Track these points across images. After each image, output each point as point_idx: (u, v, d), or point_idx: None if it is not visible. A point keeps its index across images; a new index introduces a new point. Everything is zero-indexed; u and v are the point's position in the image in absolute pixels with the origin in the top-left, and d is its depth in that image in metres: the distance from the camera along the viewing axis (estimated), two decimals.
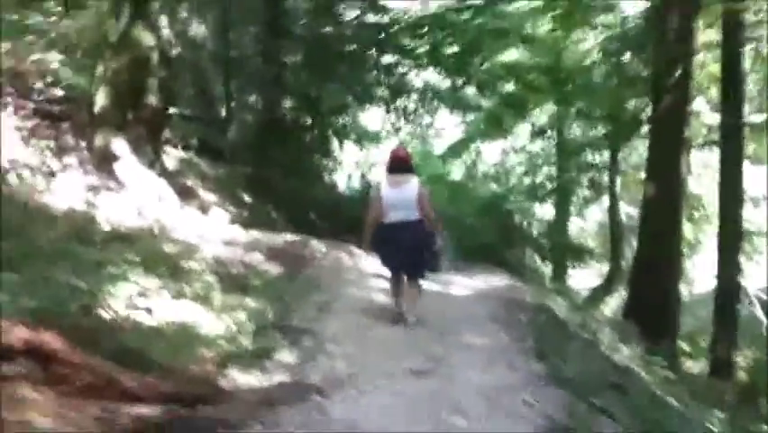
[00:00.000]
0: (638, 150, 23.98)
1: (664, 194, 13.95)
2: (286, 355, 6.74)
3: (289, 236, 11.76)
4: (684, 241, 17.29)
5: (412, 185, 8.22)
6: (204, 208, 11.82)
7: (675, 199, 14.10)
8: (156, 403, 5.20)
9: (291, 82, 17.47)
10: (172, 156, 13.58)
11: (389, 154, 8.71)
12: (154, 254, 8.42)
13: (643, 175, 23.10)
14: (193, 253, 9.19)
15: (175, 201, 11.11)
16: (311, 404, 5.54)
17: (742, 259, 14.72)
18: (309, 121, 18.11)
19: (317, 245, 11.33)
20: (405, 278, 8.38)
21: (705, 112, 18.27)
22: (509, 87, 19.83)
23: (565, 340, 8.09)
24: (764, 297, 20.24)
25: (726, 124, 14.31)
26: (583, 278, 23.36)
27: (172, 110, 15.09)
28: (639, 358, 9.88)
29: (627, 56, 19.00)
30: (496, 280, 11.59)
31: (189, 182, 12.83)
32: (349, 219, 16.36)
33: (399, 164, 8.38)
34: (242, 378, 6.19)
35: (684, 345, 16.26)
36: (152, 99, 11.24)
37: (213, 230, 10.67)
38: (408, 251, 8.16)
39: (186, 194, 11.81)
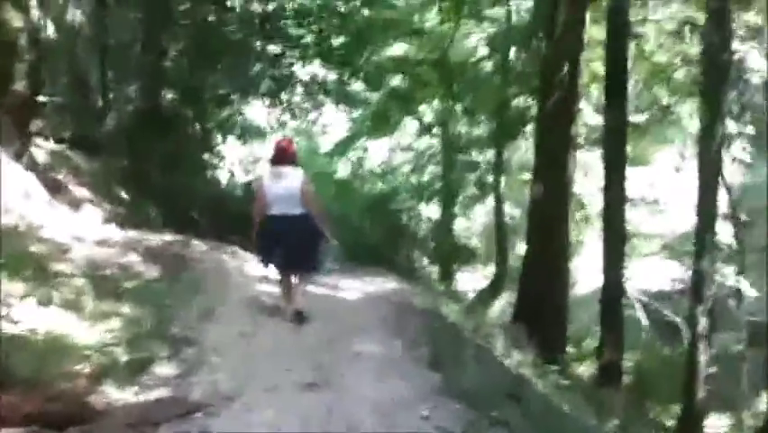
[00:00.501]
0: (521, 149, 24.38)
1: (552, 194, 13.96)
2: (165, 368, 6.35)
3: (169, 236, 11.24)
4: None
5: (295, 177, 8.19)
6: (75, 205, 11.18)
7: (563, 199, 14.13)
8: (17, 426, 4.78)
9: (172, 72, 16.80)
10: (43, 148, 12.83)
11: (273, 145, 8.68)
12: (19, 255, 7.85)
13: (527, 176, 23.60)
14: (63, 253, 8.64)
15: (44, 197, 10.47)
16: (192, 423, 5.19)
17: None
18: (190, 113, 17.44)
19: (198, 246, 10.85)
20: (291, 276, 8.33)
21: (586, 111, 18.43)
22: (397, 81, 19.71)
23: (459, 347, 7.92)
24: (644, 299, 20.91)
25: (611, 124, 14.45)
26: (469, 280, 23.45)
27: (43, 98, 14.41)
28: (531, 364, 9.84)
29: (513, 52, 19.11)
30: (385, 284, 11.32)
31: (60, 177, 12.11)
32: (232, 217, 15.90)
33: (283, 156, 8.35)
34: (117, 394, 5.78)
35: (570, 348, 16.44)
36: (20, 86, 10.57)
37: (85, 229, 10.09)
38: (292, 246, 8.09)
39: (56, 189, 11.16)
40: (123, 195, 13.73)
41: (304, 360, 6.74)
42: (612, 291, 14.80)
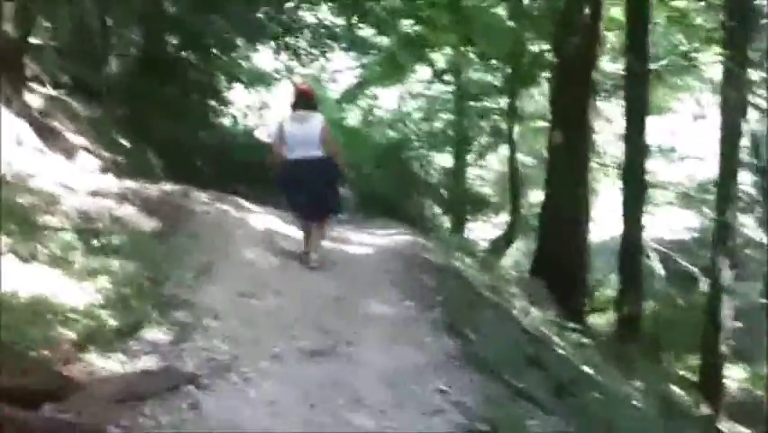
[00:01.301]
0: (534, 97, 23.50)
1: (571, 141, 13.17)
2: (155, 333, 5.66)
3: (168, 186, 10.52)
4: None
5: (316, 121, 8.30)
6: (70, 153, 10.46)
7: (583, 147, 13.33)
8: None
9: (174, 15, 15.95)
10: (38, 94, 12.11)
11: (293, 90, 8.93)
12: (3, 207, 7.16)
13: (540, 124, 22.78)
14: (52, 205, 7.94)
15: (36, 145, 9.76)
16: (182, 397, 4.53)
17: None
18: (194, 59, 16.59)
19: (200, 196, 10.08)
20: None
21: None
22: (408, 25, 18.71)
23: (476, 307, 7.25)
24: (660, 248, 20.17)
25: (632, 70, 13.63)
26: (480, 229, 22.75)
27: (37, 41, 13.65)
28: (551, 322, 9.18)
29: None
30: (396, 236, 10.60)
31: (56, 124, 11.38)
32: (238, 166, 15.23)
33: (304, 100, 8.47)
34: (101, 362, 5.11)
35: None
36: (7, 27, 9.82)
37: (79, 178, 9.38)
38: (314, 189, 8.19)
39: (50, 137, 10.43)
40: (124, 143, 13.01)
41: (309, 324, 6.10)
42: (631, 242, 14.16)
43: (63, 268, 6.52)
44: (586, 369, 8.05)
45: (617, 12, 15.35)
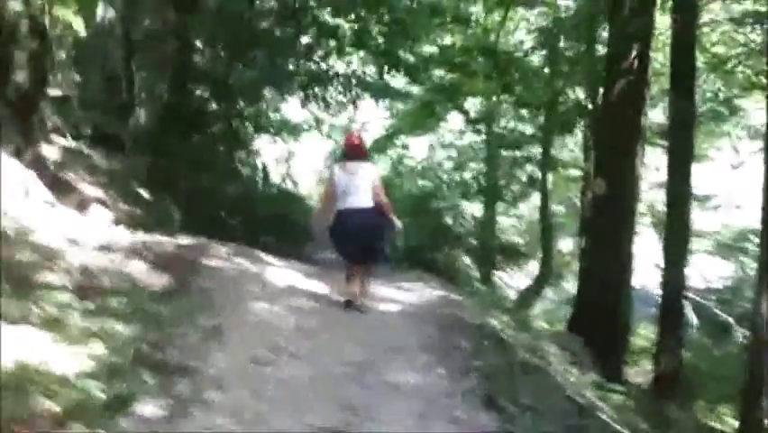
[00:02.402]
0: (568, 146, 22.70)
1: (617, 190, 12.19)
2: (150, 408, 4.81)
3: (186, 239, 9.76)
4: None
5: (368, 171, 8.27)
6: (82, 206, 9.74)
7: (630, 197, 12.34)
8: None
9: (201, 65, 15.38)
10: (57, 146, 11.48)
11: (345, 141, 9.10)
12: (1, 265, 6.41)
13: (572, 172, 21.94)
14: (52, 261, 7.18)
15: (45, 197, 9.06)
16: None
17: None
18: (221, 109, 15.96)
19: (218, 250, 9.28)
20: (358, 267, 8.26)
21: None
22: (440, 73, 18.00)
23: (515, 374, 6.30)
24: (694, 297, 19.09)
25: (678, 115, 12.72)
26: (507, 278, 21.83)
27: (60, 92, 13.15)
28: (593, 384, 8.22)
29: (563, 42, 17.32)
30: (428, 292, 9.71)
31: (71, 175, 10.70)
32: (265, 219, 14.52)
33: (355, 150, 8.47)
34: None
35: None
36: (20, 76, 9.20)
37: (88, 232, 8.63)
38: (366, 238, 8.11)
39: (62, 189, 9.72)
40: (144, 195, 12.29)
41: (326, 395, 5.22)
42: (673, 294, 13.12)
43: (56, 331, 5.72)
44: None
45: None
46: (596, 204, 12.76)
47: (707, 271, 22.79)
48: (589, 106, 16.23)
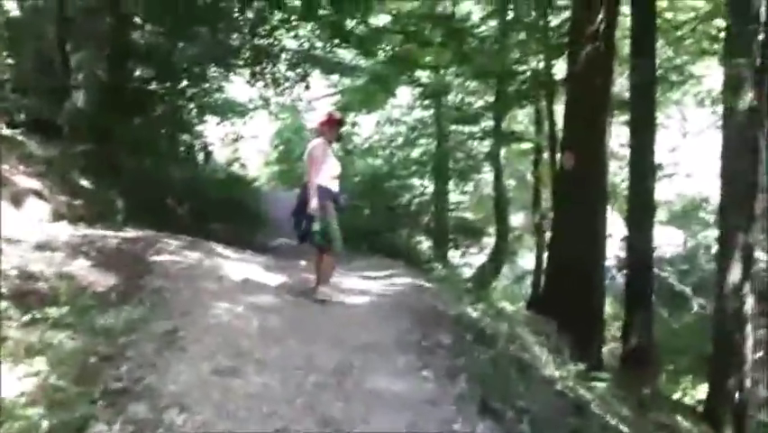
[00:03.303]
0: (517, 118, 22.29)
1: (587, 164, 11.63)
2: None
3: (132, 232, 9.02)
4: None
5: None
6: (17, 200, 8.92)
7: (600, 172, 11.79)
8: None
9: (140, 43, 14.46)
10: None
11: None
12: None
13: (522, 146, 21.54)
14: None
15: None
16: None
17: None
18: (163, 90, 15.07)
19: (168, 244, 8.56)
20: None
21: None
22: (395, 44, 17.27)
23: (503, 371, 5.77)
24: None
25: (639, 82, 12.29)
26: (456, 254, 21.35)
27: None
28: (578, 375, 7.76)
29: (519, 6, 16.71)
30: (394, 279, 9.09)
31: (3, 166, 9.82)
32: (215, 204, 13.80)
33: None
34: None
35: None
36: None
37: (25, 228, 7.87)
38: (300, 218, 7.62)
39: None
40: (85, 184, 11.45)
41: (304, 409, 4.62)
42: (639, 269, 12.81)
43: None
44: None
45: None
46: (565, 178, 12.20)
47: (658, 240, 22.63)
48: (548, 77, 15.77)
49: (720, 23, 16.35)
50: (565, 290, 11.29)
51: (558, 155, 17.18)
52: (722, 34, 16.62)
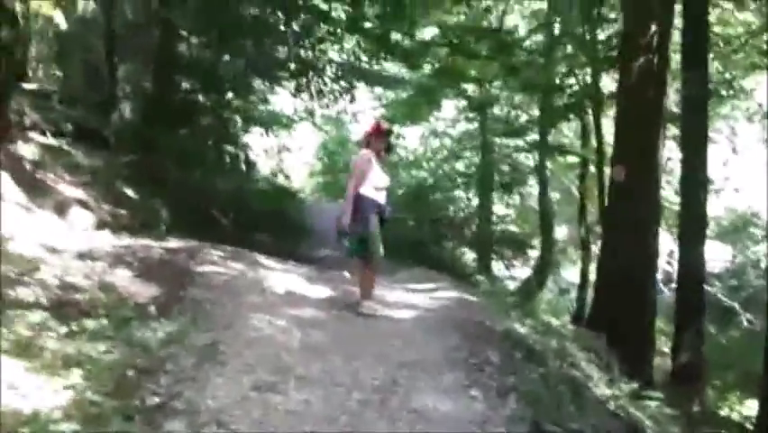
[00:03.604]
0: (563, 132, 21.93)
1: (637, 177, 11.20)
2: None
3: (174, 243, 8.90)
4: None
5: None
6: (62, 209, 8.84)
7: (652, 185, 11.25)
8: None
9: (186, 56, 14.42)
10: (35, 144, 10.59)
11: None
12: None
13: (568, 159, 21.16)
14: (27, 273, 6.32)
15: (20, 200, 8.18)
16: None
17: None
18: (209, 102, 15.01)
19: (210, 255, 8.40)
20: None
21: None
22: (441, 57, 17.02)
23: (555, 390, 5.47)
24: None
25: (692, 95, 11.89)
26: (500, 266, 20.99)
27: (37, 87, 12.27)
28: (631, 394, 7.42)
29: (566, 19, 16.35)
30: (439, 293, 8.82)
31: (50, 175, 9.80)
32: (259, 215, 13.67)
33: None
34: None
35: None
36: None
37: (68, 238, 7.77)
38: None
39: (39, 190, 8.84)
40: (130, 194, 11.40)
41: (346, 428, 4.38)
42: (691, 285, 12.38)
43: (28, 357, 4.89)
44: None
45: None
46: (615, 192, 11.74)
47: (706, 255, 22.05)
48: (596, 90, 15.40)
49: None
50: (615, 304, 10.86)
51: (606, 169, 16.88)
52: None
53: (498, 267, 19.70)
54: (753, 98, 19.67)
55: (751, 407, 16.11)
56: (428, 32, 17.40)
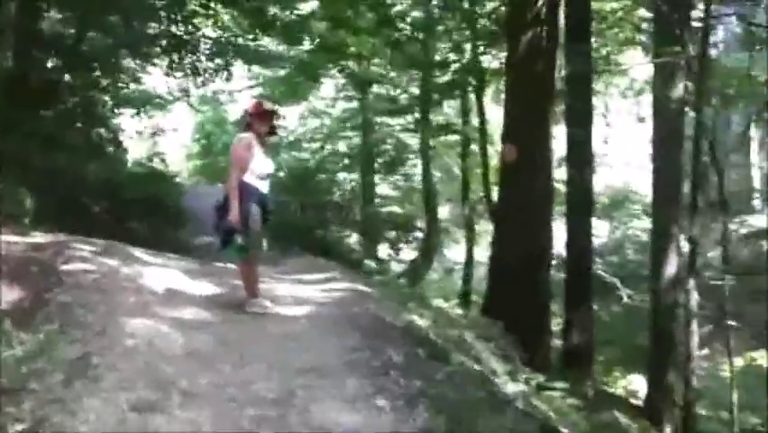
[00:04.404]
0: (442, 110, 21.78)
1: (531, 158, 10.84)
2: None
3: (40, 237, 8.07)
4: None
5: None
6: None
7: (544, 165, 10.99)
8: None
9: (48, 31, 13.35)
10: None
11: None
12: None
13: (449, 138, 21.03)
14: None
15: None
16: None
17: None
18: (75, 82, 13.95)
19: (80, 249, 7.62)
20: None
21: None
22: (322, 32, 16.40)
23: (463, 392, 5.07)
24: None
25: (575, 72, 11.77)
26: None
27: None
28: (537, 388, 7.18)
29: None
30: (331, 285, 8.26)
31: None
32: (133, 202, 12.85)
33: None
34: None
35: None
36: None
37: None
38: None
39: None
40: None
41: None
42: (579, 266, 12.39)
43: None
44: None
45: None
46: (507, 173, 11.45)
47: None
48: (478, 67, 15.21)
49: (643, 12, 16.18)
50: (511, 291, 10.60)
51: (489, 147, 16.78)
52: (644, 25, 16.48)
53: (383, 250, 19.38)
54: (626, 74, 20.01)
55: (633, 381, 16.51)
56: (308, 6, 16.67)
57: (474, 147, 18.89)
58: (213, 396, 4.56)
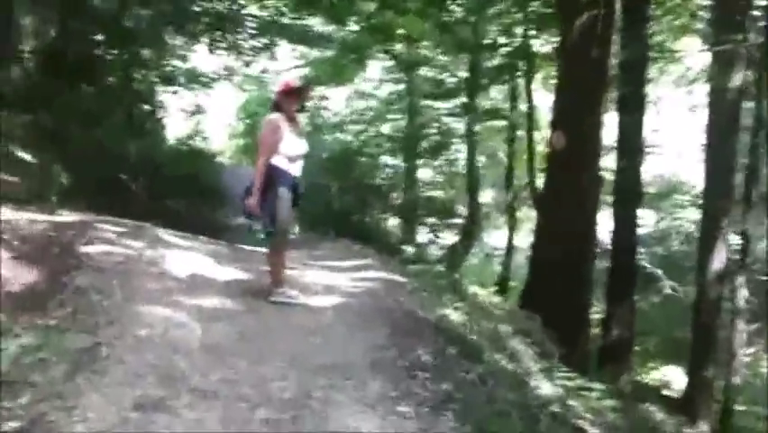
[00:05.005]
0: (489, 94, 21.19)
1: (580, 146, 10.34)
2: None
3: (66, 216, 7.78)
4: None
5: None
6: None
7: (592, 153, 10.52)
8: None
9: (91, 4, 13.10)
10: None
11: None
12: None
13: (495, 123, 20.45)
14: None
15: None
16: None
17: None
18: (121, 58, 13.69)
19: (104, 230, 7.29)
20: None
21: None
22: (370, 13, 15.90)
23: (494, 396, 4.66)
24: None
25: (629, 58, 11.17)
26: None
27: None
28: (574, 390, 6.72)
29: None
30: (363, 273, 7.85)
31: None
32: (173, 180, 12.60)
33: None
34: None
35: None
36: None
37: None
38: None
39: None
40: (26, 157, 10.16)
41: None
42: (624, 258, 11.85)
43: None
44: None
45: None
46: (554, 159, 10.90)
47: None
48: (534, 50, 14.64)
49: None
50: (552, 284, 10.11)
51: (536, 134, 16.22)
52: (701, 12, 15.75)
53: (423, 234, 18.92)
54: (681, 62, 19.25)
55: (670, 372, 16.00)
56: None
57: (521, 133, 18.32)
58: (224, 395, 4.20)
